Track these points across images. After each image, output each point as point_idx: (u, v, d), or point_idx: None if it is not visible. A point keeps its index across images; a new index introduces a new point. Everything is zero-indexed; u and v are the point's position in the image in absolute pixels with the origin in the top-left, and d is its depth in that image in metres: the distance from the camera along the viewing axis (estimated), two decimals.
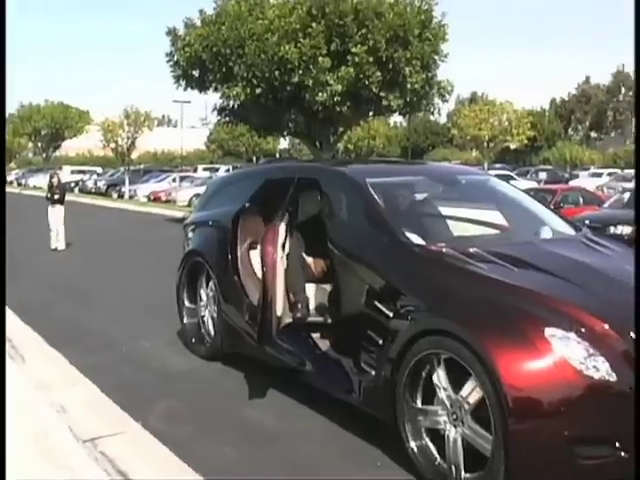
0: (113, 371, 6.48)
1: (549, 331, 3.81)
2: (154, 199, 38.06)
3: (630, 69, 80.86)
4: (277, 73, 18.30)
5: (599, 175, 43.94)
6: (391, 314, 4.57)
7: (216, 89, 20.05)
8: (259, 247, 5.61)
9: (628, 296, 4.19)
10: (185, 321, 7.26)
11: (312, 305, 5.94)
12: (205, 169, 52.70)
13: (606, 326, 3.92)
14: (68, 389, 5.94)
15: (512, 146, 51.06)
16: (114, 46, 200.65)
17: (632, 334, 3.91)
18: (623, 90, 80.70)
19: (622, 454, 3.69)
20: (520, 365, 3.76)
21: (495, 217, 5.66)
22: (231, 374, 6.30)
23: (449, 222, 5.46)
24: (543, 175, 44.81)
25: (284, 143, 76.87)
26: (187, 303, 7.25)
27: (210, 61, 19.04)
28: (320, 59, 17.96)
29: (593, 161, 61.18)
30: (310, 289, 6.02)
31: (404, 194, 5.66)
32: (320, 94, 18.26)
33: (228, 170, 45.99)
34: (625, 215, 15.33)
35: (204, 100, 27.54)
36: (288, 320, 5.82)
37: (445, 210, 5.61)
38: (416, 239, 4.89)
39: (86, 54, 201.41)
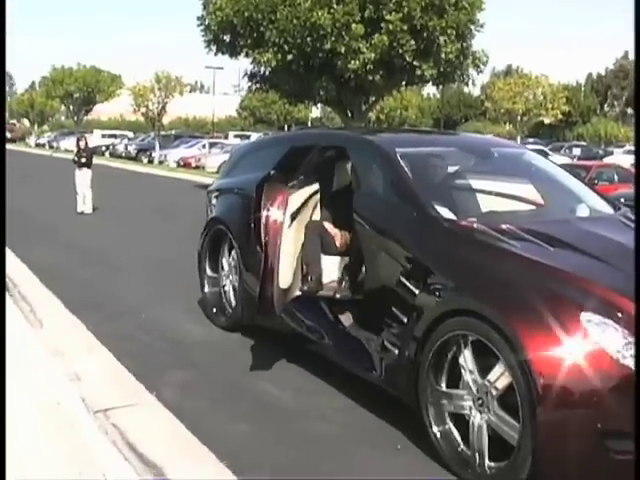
0: (131, 339, 6.36)
1: (585, 316, 3.59)
2: (184, 165, 38.11)
3: None
4: (309, 39, 17.92)
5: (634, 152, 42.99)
6: (417, 291, 4.36)
7: (247, 55, 19.73)
8: (263, 214, 5.42)
9: None
10: (206, 290, 7.11)
11: (334, 278, 5.76)
12: (236, 136, 52.64)
13: None
14: (84, 357, 5.81)
15: (546, 121, 50.39)
16: (148, 9, 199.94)
17: None
18: None
19: None
20: (552, 351, 3.53)
21: (529, 192, 5.40)
22: (250, 346, 6.13)
23: (481, 196, 5.21)
24: (577, 151, 44.02)
25: (316, 112, 76.58)
26: (209, 271, 7.09)
27: (241, 26, 18.70)
28: (353, 26, 17.53)
29: (629, 138, 60.00)
30: (333, 262, 5.84)
31: (435, 165, 5.40)
32: (352, 62, 17.85)
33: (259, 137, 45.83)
34: None
35: (237, 67, 27.38)
36: (297, 293, 5.65)
37: (477, 183, 5.36)
38: (446, 213, 4.66)
39: (119, 17, 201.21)
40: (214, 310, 6.91)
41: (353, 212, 5.11)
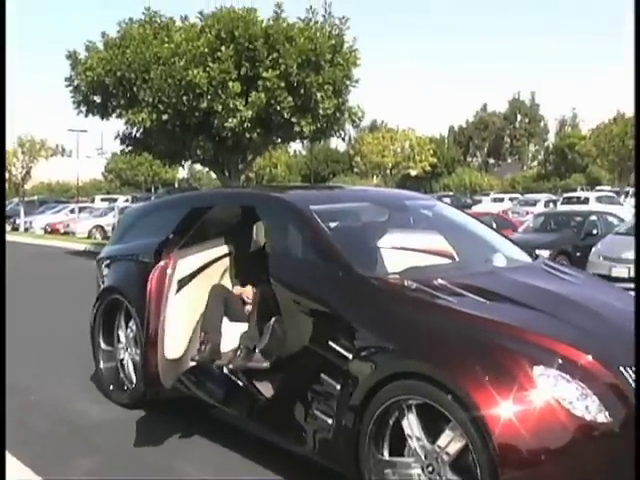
0: (21, 425, 5.73)
1: (537, 370, 3.45)
2: (51, 231, 36.57)
3: (525, 97, 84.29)
4: (185, 98, 17.55)
5: (501, 200, 44.92)
6: (350, 356, 4.07)
7: (120, 115, 19.14)
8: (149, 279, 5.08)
9: (610, 328, 3.96)
10: (101, 365, 6.56)
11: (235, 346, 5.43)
12: (103, 199, 51.37)
13: (593, 361, 3.58)
14: None
15: (412, 173, 52.03)
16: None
17: (622, 368, 3.60)
18: (519, 117, 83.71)
19: None
20: (508, 409, 3.34)
21: (441, 244, 5.26)
22: (158, 423, 5.65)
23: (399, 252, 5.02)
24: (447, 201, 45.33)
25: (183, 172, 76.47)
26: (103, 345, 6.57)
27: (114, 86, 18.13)
28: (230, 84, 17.31)
29: (492, 186, 62.94)
30: (239, 329, 5.50)
31: (351, 222, 5.21)
32: (230, 120, 17.59)
33: (127, 200, 44.91)
34: (540, 239, 15.52)
35: (99, 129, 26.64)
36: (189, 364, 5.27)
37: (394, 238, 5.16)
38: (371, 271, 4.43)
39: None
40: (111, 387, 6.39)
41: (270, 275, 4.81)
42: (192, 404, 5.56)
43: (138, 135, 19.98)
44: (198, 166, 57.61)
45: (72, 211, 39.27)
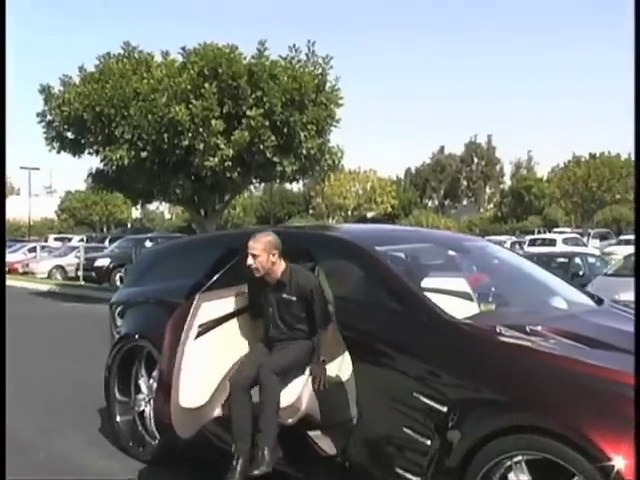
0: None
1: None
2: (9, 271, 35.47)
3: (482, 140, 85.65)
4: (165, 136, 17.17)
5: None
6: (444, 409, 3.74)
7: (97, 152, 18.62)
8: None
9: None
10: (118, 419, 6.07)
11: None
12: (57, 239, 50.38)
13: None
14: None
15: (369, 214, 52.15)
16: None
17: None
18: (476, 160, 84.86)
19: None
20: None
21: (463, 286, 4.96)
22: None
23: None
24: None
25: (136, 213, 75.91)
26: (119, 397, 6.09)
27: (92, 121, 17.64)
28: (213, 122, 16.98)
29: (449, 228, 63.25)
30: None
31: (421, 263, 4.90)
32: (210, 159, 17.26)
33: (83, 240, 44.01)
34: None
35: (48, 167, 25.84)
36: (213, 414, 4.70)
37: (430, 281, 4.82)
38: (457, 317, 4.12)
39: None
40: (130, 443, 5.89)
41: (337, 323, 4.43)
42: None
43: (111, 173, 19.36)
44: (151, 206, 56.85)
45: (30, 250, 38.25)
